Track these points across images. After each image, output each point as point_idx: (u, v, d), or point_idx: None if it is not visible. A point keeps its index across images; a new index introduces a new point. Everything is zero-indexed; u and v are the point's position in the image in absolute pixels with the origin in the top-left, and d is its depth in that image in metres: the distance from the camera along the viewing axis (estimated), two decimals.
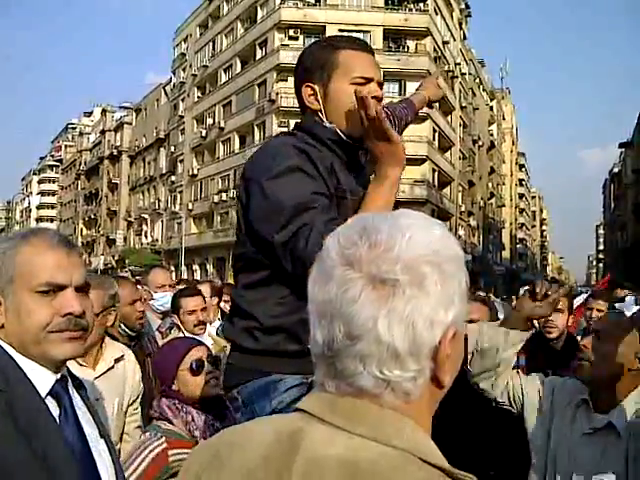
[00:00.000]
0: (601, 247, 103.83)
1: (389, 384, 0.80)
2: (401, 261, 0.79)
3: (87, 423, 1.46)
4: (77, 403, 1.47)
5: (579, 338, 4.27)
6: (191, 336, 3.69)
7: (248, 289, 1.82)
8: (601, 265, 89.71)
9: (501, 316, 2.32)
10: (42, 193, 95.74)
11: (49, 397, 1.38)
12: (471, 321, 3.46)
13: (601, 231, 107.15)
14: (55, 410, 1.38)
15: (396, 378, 0.79)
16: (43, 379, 1.38)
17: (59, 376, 1.42)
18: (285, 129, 35.54)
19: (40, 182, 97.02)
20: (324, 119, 1.87)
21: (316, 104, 1.88)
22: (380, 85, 1.91)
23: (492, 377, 2.33)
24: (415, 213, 0.87)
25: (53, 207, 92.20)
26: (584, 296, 6.32)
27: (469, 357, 2.33)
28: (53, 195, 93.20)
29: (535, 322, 4.21)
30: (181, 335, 3.94)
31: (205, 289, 4.92)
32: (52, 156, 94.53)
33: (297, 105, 1.98)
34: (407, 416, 0.81)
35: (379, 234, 0.81)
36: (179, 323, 4.14)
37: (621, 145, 62.40)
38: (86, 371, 2.62)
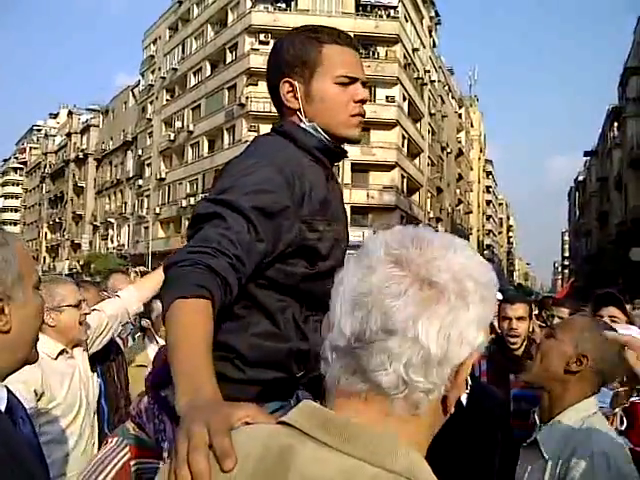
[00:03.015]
0: (566, 254, 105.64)
1: (407, 388, 0.79)
2: (451, 270, 0.80)
3: None
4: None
5: None
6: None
7: (222, 315, 1.54)
8: (566, 271, 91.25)
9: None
10: (5, 196, 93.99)
11: None
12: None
13: (566, 238, 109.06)
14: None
15: (417, 384, 0.78)
16: None
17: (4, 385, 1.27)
18: (255, 134, 35.69)
19: (3, 185, 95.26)
20: (303, 119, 1.70)
21: (295, 102, 1.70)
22: (364, 84, 1.75)
23: None
24: (458, 238, 0.88)
25: (17, 210, 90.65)
26: None
27: None
28: (17, 198, 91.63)
29: (497, 328, 4.24)
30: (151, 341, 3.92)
31: None
32: (16, 158, 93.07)
33: (267, 110, 1.82)
34: (406, 433, 0.80)
35: (431, 243, 0.83)
36: (150, 327, 4.05)
37: (586, 154, 63.58)
38: (73, 362, 2.82)
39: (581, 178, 73.72)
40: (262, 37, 36.42)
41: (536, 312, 6.02)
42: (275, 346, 1.60)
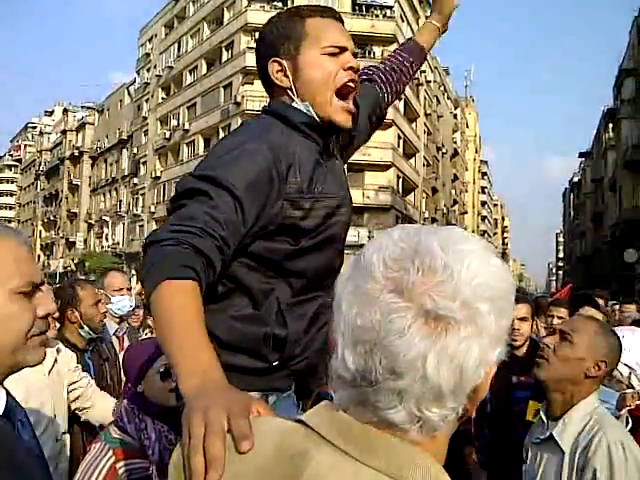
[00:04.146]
0: (561, 255, 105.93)
1: (420, 420, 0.74)
2: (459, 296, 0.72)
3: None
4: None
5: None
6: None
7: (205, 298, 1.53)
8: (560, 272, 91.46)
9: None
10: (0, 193, 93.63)
11: None
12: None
13: (561, 239, 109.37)
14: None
15: (431, 416, 0.74)
16: None
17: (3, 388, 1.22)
18: None
19: None
20: (294, 97, 1.66)
21: (285, 81, 1.66)
22: (355, 55, 1.70)
23: None
24: (468, 235, 0.80)
25: (11, 208, 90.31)
26: None
27: None
28: (11, 196, 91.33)
29: None
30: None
31: None
32: (11, 155, 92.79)
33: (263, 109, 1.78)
34: (425, 449, 0.76)
35: (434, 259, 0.73)
36: (150, 323, 4.11)
37: (581, 155, 63.78)
38: (39, 370, 2.66)
39: (576, 179, 73.93)
40: (258, 36, 36.36)
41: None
42: (250, 329, 1.56)
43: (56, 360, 2.92)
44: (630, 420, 2.45)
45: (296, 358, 1.59)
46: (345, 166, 1.95)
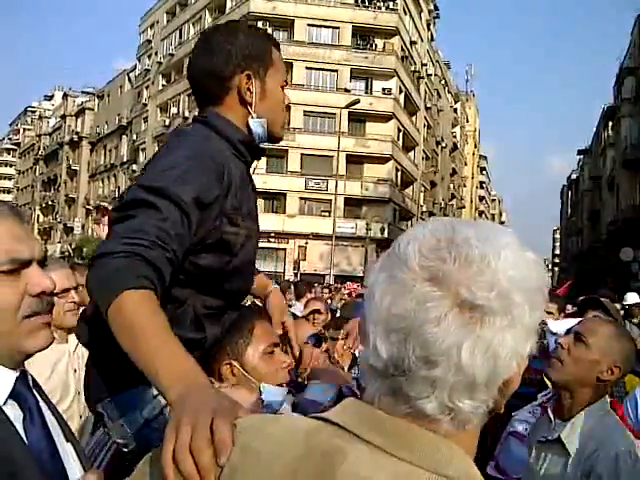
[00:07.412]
0: (557, 252, 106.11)
1: (452, 411, 0.74)
2: (496, 287, 0.72)
3: (52, 427, 1.19)
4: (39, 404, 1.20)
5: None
6: None
7: None
8: (556, 269, 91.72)
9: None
10: None
11: (9, 400, 1.11)
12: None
13: (557, 236, 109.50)
14: (16, 414, 1.11)
15: (463, 408, 0.74)
16: (1, 379, 1.11)
17: (19, 372, 1.14)
18: None
19: None
20: (253, 113, 1.72)
21: (249, 96, 1.71)
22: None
23: None
24: (503, 228, 0.81)
25: (9, 192, 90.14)
26: None
27: None
28: (10, 179, 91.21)
29: None
30: None
31: None
32: (10, 139, 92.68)
33: None
34: (457, 441, 0.76)
35: (471, 249, 0.74)
36: None
37: (580, 152, 63.80)
38: (63, 347, 2.80)
39: (574, 176, 73.95)
40: (260, 25, 36.13)
41: None
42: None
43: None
44: None
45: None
46: (344, 156, 2.00)
